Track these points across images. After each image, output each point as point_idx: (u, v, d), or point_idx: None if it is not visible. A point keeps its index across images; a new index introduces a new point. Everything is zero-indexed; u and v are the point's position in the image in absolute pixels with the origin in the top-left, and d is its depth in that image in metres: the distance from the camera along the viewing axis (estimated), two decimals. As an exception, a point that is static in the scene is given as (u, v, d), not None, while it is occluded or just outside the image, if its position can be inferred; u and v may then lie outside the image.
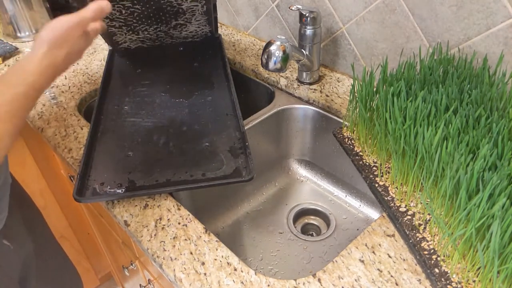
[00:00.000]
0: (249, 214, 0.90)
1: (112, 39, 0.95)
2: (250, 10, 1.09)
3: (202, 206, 0.84)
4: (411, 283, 0.52)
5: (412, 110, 0.58)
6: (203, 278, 0.55)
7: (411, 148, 0.56)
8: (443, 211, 0.53)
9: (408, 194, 0.59)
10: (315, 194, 0.93)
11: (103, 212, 0.93)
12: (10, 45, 1.14)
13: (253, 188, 0.93)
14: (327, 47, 0.94)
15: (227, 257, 0.57)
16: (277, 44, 0.73)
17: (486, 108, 0.57)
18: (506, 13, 0.64)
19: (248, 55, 1.05)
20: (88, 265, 1.41)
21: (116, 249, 1.09)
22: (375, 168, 0.66)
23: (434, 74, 0.64)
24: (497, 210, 0.44)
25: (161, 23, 0.90)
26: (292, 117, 0.92)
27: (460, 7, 0.68)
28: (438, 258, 0.52)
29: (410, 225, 0.57)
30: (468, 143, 0.53)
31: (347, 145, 0.72)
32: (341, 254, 0.57)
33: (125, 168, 0.70)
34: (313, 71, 0.90)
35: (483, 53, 0.69)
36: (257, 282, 0.54)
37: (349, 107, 0.71)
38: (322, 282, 0.54)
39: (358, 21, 0.85)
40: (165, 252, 0.58)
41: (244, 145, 0.71)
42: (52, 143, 0.81)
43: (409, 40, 0.78)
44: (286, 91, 0.94)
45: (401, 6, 0.76)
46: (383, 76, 0.67)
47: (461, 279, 0.49)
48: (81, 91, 0.95)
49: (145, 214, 0.64)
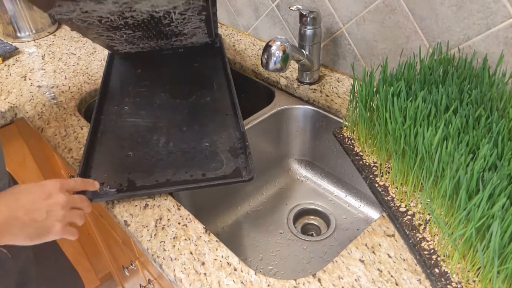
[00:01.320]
0: (249, 214, 0.90)
1: (112, 48, 0.96)
2: (250, 10, 1.09)
3: (202, 206, 0.84)
4: (411, 283, 0.52)
5: (412, 110, 0.58)
6: (203, 278, 0.55)
7: (411, 148, 0.56)
8: (443, 211, 0.53)
9: (408, 194, 0.59)
10: (315, 194, 0.93)
11: (103, 212, 0.93)
12: (10, 45, 1.14)
13: (253, 188, 0.93)
14: (327, 47, 0.94)
15: (227, 257, 0.57)
16: (277, 44, 0.73)
17: (486, 108, 0.57)
18: (506, 13, 0.64)
19: (248, 55, 1.05)
20: (88, 265, 1.41)
21: (116, 249, 1.09)
22: (375, 168, 0.66)
23: (434, 74, 0.64)
24: (497, 210, 0.44)
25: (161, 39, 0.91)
26: (292, 117, 0.92)
27: (460, 7, 0.68)
28: (438, 258, 0.52)
29: (410, 225, 0.57)
30: (468, 143, 0.53)
31: (347, 145, 0.72)
32: (341, 254, 0.57)
33: (125, 168, 0.70)
34: (313, 71, 0.90)
35: (483, 53, 0.69)
36: (257, 282, 0.54)
37: (349, 107, 0.71)
38: (322, 282, 0.54)
39: (358, 21, 0.85)
40: (165, 252, 0.58)
41: (244, 145, 0.71)
42: (52, 143, 0.81)
43: (409, 40, 0.78)
44: (286, 91, 0.94)
45: (401, 6, 0.76)
46: (383, 76, 0.67)
47: (461, 279, 0.49)
48: (81, 91, 0.95)
49: (145, 214, 0.64)
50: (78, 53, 1.11)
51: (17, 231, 0.50)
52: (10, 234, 0.50)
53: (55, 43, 1.16)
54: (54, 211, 0.53)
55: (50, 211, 0.52)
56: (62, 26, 1.26)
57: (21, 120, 0.95)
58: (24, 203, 0.52)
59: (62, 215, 0.53)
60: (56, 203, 0.53)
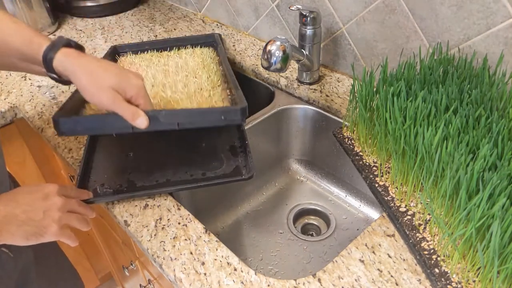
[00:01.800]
0: (249, 214, 0.90)
1: None
2: (250, 10, 1.09)
3: (202, 206, 0.84)
4: (411, 283, 0.52)
5: (412, 110, 0.58)
6: (203, 278, 0.55)
7: (411, 148, 0.56)
8: (443, 211, 0.53)
9: (408, 194, 0.59)
10: (315, 194, 0.93)
11: (103, 212, 0.93)
12: (10, 45, 1.14)
13: (253, 188, 0.93)
14: (327, 47, 0.94)
15: (227, 257, 0.57)
16: (277, 44, 0.73)
17: (486, 108, 0.57)
18: (506, 13, 0.64)
19: (248, 55, 1.05)
20: (88, 265, 1.41)
21: (116, 249, 1.09)
22: (375, 168, 0.66)
23: (434, 74, 0.64)
24: (497, 210, 0.44)
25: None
26: (292, 117, 0.92)
27: (460, 7, 0.68)
28: (438, 258, 0.52)
29: (410, 225, 0.57)
30: (468, 143, 0.53)
31: (347, 145, 0.72)
32: (341, 254, 0.57)
33: (125, 168, 0.70)
34: (313, 71, 0.90)
35: (483, 53, 0.69)
36: (257, 282, 0.54)
37: (349, 107, 0.71)
38: (322, 282, 0.54)
39: (358, 21, 0.85)
40: (165, 252, 0.58)
41: (244, 144, 0.71)
42: (52, 143, 0.81)
43: (409, 40, 0.78)
44: (286, 91, 0.94)
45: (401, 6, 0.76)
46: (383, 76, 0.67)
47: (461, 279, 0.49)
48: (81, 91, 0.95)
49: (145, 214, 0.64)
50: (78, 53, 1.10)
51: (15, 229, 0.51)
52: (8, 232, 0.51)
53: (55, 43, 1.16)
54: (51, 212, 0.54)
55: (47, 211, 0.53)
56: (62, 26, 1.26)
57: (21, 120, 0.95)
58: (22, 202, 0.53)
59: (58, 216, 0.54)
60: (53, 204, 0.54)
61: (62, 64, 0.55)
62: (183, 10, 1.33)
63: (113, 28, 1.23)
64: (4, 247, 0.65)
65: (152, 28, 1.21)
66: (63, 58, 0.55)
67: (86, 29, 1.23)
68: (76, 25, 1.26)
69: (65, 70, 0.56)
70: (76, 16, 1.31)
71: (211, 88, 0.74)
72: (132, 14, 1.32)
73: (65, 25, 1.26)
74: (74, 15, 1.31)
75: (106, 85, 0.55)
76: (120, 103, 0.55)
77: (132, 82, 0.57)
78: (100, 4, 1.28)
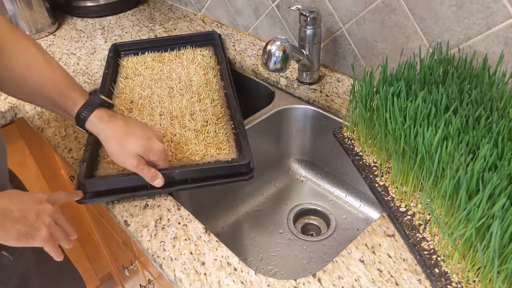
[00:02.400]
0: (249, 214, 0.90)
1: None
2: (250, 10, 1.09)
3: (202, 206, 0.84)
4: (411, 283, 0.52)
5: (412, 110, 0.58)
6: (203, 278, 0.55)
7: (411, 148, 0.56)
8: (443, 211, 0.53)
9: (408, 194, 0.59)
10: (315, 194, 0.93)
11: (103, 212, 0.93)
12: (10, 45, 1.13)
13: (253, 188, 0.93)
14: (327, 47, 0.94)
15: (227, 257, 0.57)
16: (277, 44, 0.73)
17: (486, 108, 0.57)
18: (506, 13, 0.64)
19: (248, 55, 1.05)
20: (88, 265, 1.41)
21: (116, 249, 1.09)
22: (375, 168, 0.66)
23: (434, 74, 0.64)
24: (497, 210, 0.44)
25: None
26: (292, 117, 0.92)
27: (460, 7, 0.68)
28: (438, 258, 0.52)
29: (410, 225, 0.57)
30: (468, 143, 0.53)
31: (347, 145, 0.72)
32: (341, 254, 0.57)
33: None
34: (313, 71, 0.90)
35: (483, 53, 0.69)
36: (257, 282, 0.54)
37: (349, 107, 0.71)
38: (322, 282, 0.54)
39: (358, 21, 0.85)
40: (165, 252, 0.58)
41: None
42: (52, 143, 0.81)
43: (409, 40, 0.78)
44: (286, 91, 0.94)
45: (401, 6, 0.76)
46: (383, 76, 0.67)
47: (461, 279, 0.49)
48: (81, 91, 0.95)
49: (145, 214, 0.64)
50: (78, 53, 1.11)
51: (9, 225, 0.52)
52: (3, 228, 0.51)
53: (55, 43, 1.16)
54: (43, 216, 0.55)
55: (39, 214, 0.55)
56: (62, 26, 1.26)
57: (21, 120, 0.95)
58: (16, 201, 0.54)
59: (49, 222, 0.55)
60: (45, 209, 0.56)
61: (93, 127, 0.61)
62: (183, 10, 1.33)
63: (113, 28, 1.23)
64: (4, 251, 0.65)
65: (152, 28, 1.21)
66: (96, 120, 0.61)
67: (86, 29, 1.23)
68: (76, 25, 1.26)
69: (96, 132, 0.62)
70: (76, 16, 1.31)
71: (216, 120, 0.77)
72: (132, 14, 1.32)
73: (65, 25, 1.26)
74: (74, 15, 1.31)
75: (132, 152, 0.60)
76: (143, 168, 0.61)
77: (155, 148, 0.62)
78: (100, 4, 1.28)
